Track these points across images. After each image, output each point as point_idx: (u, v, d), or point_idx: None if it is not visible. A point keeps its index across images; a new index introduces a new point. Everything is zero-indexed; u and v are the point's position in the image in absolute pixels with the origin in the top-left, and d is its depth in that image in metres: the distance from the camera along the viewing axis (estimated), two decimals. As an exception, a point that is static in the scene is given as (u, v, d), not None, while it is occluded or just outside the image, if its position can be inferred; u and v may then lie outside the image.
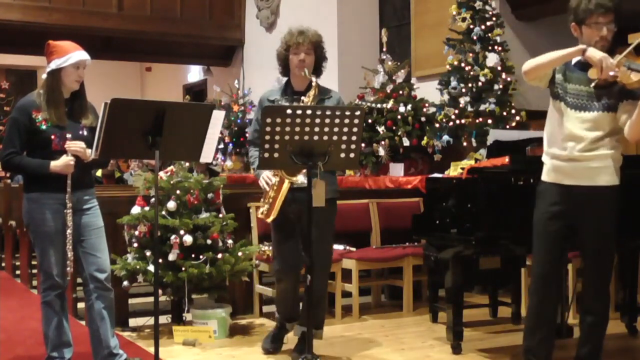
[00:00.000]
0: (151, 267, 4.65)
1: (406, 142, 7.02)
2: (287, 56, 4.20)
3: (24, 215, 3.85)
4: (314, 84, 4.12)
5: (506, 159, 4.20)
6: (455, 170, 5.29)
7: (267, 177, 4.20)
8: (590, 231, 3.48)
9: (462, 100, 6.54)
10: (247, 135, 4.98)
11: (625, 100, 3.38)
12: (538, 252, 3.60)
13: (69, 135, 3.72)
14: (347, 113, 3.65)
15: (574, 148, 3.42)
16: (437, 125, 6.70)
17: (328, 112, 3.62)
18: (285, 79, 4.35)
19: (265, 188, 4.21)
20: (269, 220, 4.19)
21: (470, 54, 6.56)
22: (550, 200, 3.52)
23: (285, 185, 4.10)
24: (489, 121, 6.36)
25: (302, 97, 4.15)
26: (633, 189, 4.26)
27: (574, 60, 3.49)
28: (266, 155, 3.63)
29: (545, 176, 3.58)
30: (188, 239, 4.75)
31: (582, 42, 3.43)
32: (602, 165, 3.42)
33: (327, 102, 4.18)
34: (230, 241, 5.00)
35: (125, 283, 4.87)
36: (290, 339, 4.50)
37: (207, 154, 4.00)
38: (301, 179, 4.06)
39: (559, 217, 3.49)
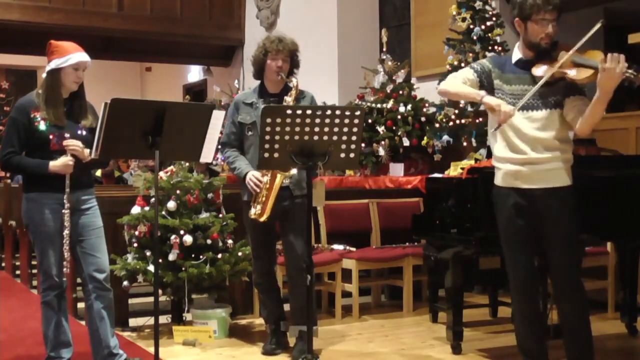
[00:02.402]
0: (151, 267, 4.64)
1: (406, 142, 7.02)
2: (264, 61, 4.33)
3: (24, 215, 3.85)
4: (294, 83, 4.29)
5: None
6: (455, 170, 5.28)
7: (255, 179, 4.24)
8: (552, 232, 3.45)
9: (462, 100, 6.54)
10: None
11: (572, 96, 3.37)
12: (509, 261, 3.59)
13: (67, 135, 3.72)
14: (347, 113, 3.65)
15: (530, 151, 3.40)
16: (437, 125, 6.70)
17: (328, 112, 3.62)
18: (258, 81, 4.47)
19: (255, 190, 4.25)
20: (262, 219, 4.24)
21: (470, 54, 6.56)
22: (509, 205, 3.50)
23: (278, 181, 4.19)
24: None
25: (286, 97, 4.29)
26: (633, 188, 4.27)
27: (513, 60, 3.50)
28: (266, 155, 3.63)
29: (500, 181, 3.54)
30: (188, 239, 4.75)
31: (526, 38, 3.42)
32: (557, 167, 3.41)
33: (301, 101, 4.31)
34: (230, 241, 5.00)
35: (125, 283, 4.87)
36: (290, 339, 4.50)
37: (207, 154, 4.00)
38: (294, 171, 4.16)
39: (522, 221, 3.48)
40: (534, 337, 3.61)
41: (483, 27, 6.56)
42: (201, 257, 4.79)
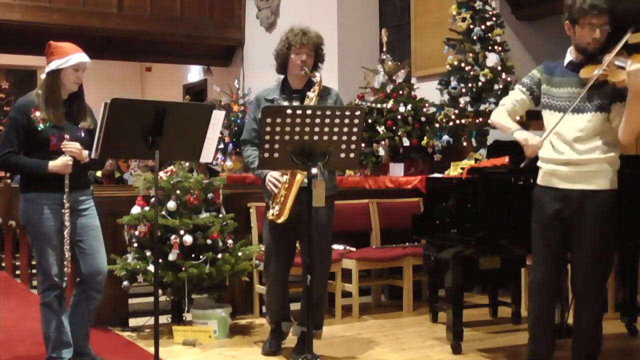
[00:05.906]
0: (151, 267, 4.64)
1: (406, 142, 7.02)
2: (287, 55, 4.19)
3: (21, 215, 3.84)
4: (318, 79, 4.12)
5: (506, 159, 4.20)
6: (455, 170, 5.29)
7: (274, 179, 4.12)
8: (587, 234, 3.42)
9: (462, 100, 6.54)
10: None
11: (618, 102, 3.37)
12: (538, 258, 3.56)
13: (67, 136, 3.72)
14: (347, 113, 3.65)
15: (570, 152, 3.40)
16: (437, 125, 6.70)
17: (328, 112, 3.62)
18: (281, 76, 4.34)
19: (273, 190, 4.12)
20: (280, 220, 4.07)
21: (470, 54, 6.56)
22: (546, 204, 3.49)
23: (299, 178, 4.00)
24: (489, 121, 6.35)
25: (308, 93, 4.14)
26: (633, 189, 4.27)
27: (565, 62, 3.49)
28: (266, 155, 3.62)
29: (540, 180, 3.56)
30: (188, 239, 4.75)
31: (575, 41, 3.43)
32: (598, 169, 3.40)
33: (326, 98, 4.19)
34: (230, 241, 5.00)
35: (125, 283, 4.87)
36: (290, 339, 4.50)
37: (207, 154, 4.00)
38: (315, 170, 4.00)
39: (557, 221, 3.46)
40: (542, 338, 3.57)
41: (483, 27, 6.56)
42: (201, 257, 4.79)
